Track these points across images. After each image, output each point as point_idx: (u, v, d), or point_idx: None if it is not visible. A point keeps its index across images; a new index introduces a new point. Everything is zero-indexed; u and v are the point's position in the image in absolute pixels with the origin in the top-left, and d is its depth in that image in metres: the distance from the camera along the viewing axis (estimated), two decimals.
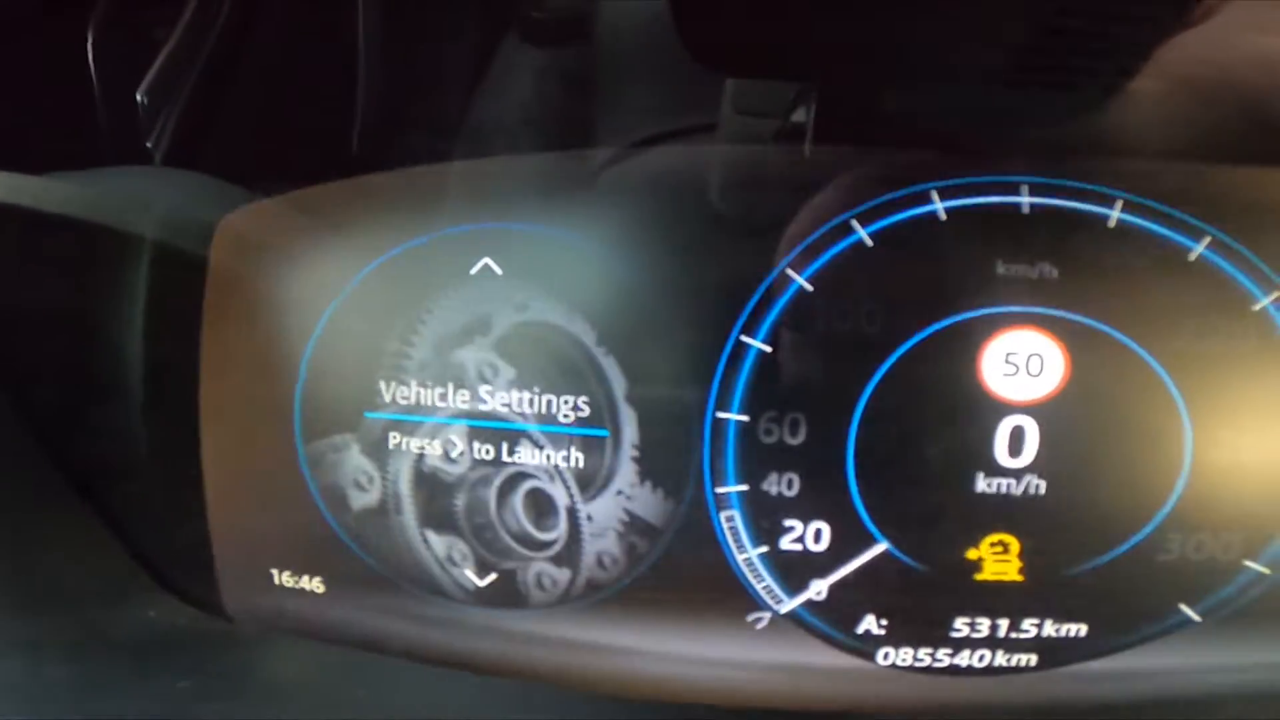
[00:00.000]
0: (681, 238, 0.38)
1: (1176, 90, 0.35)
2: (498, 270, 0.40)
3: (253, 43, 0.55)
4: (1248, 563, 0.36)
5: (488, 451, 0.40)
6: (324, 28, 0.54)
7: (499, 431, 0.40)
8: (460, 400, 0.40)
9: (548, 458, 0.39)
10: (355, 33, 0.52)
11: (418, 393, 0.40)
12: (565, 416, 0.39)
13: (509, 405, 0.40)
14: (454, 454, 0.40)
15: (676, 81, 0.42)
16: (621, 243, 0.39)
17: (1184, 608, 0.37)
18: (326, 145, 0.53)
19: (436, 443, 0.40)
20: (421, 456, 0.41)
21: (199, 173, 0.51)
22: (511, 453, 0.40)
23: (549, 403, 0.39)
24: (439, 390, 0.40)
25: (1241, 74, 0.35)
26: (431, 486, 0.41)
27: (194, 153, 0.54)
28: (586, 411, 0.39)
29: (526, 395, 0.39)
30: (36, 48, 0.53)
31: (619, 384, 0.39)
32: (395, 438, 0.40)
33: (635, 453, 0.39)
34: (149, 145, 0.54)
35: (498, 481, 0.40)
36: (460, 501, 0.41)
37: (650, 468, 0.39)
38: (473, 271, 0.40)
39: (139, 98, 0.54)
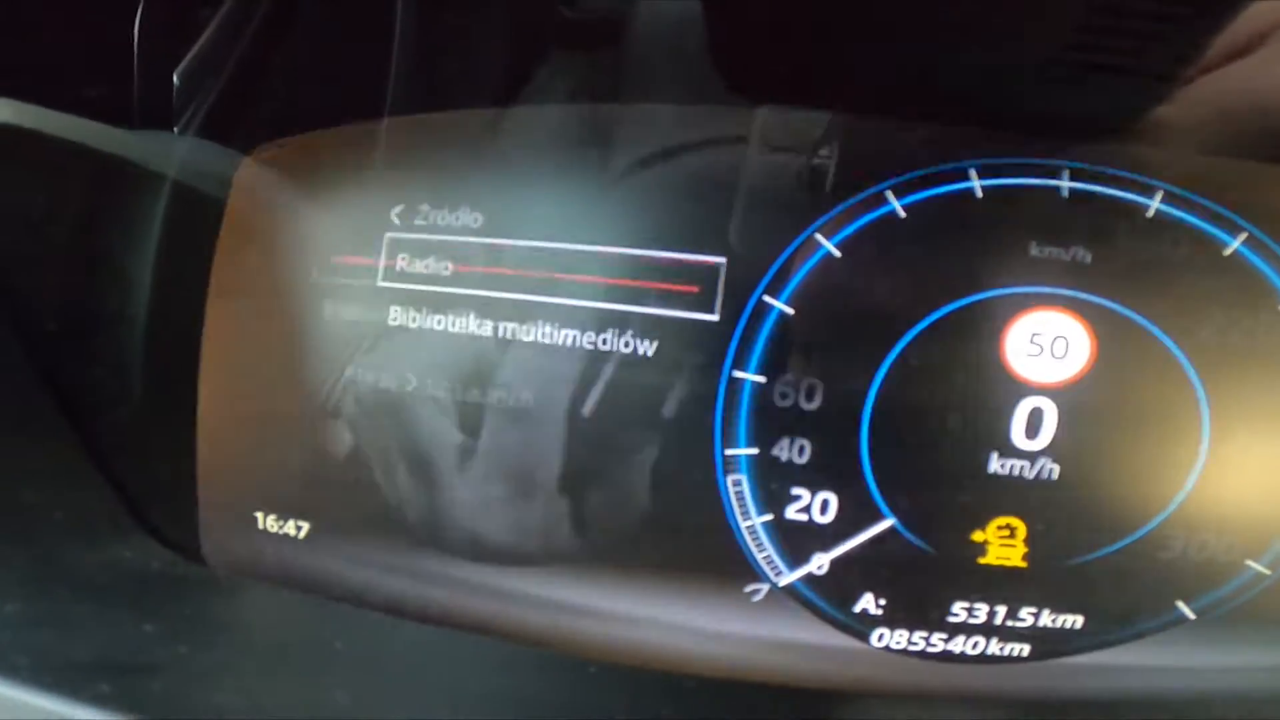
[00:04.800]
0: (712, 195, 0.33)
1: (1223, 91, 0.31)
2: (517, 221, 0.34)
3: (292, 36, 0.50)
4: (1250, 563, 0.33)
5: (499, 399, 0.34)
6: (359, 26, 0.48)
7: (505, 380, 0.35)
8: (470, 343, 0.34)
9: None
10: (390, 35, 0.47)
11: (425, 335, 0.34)
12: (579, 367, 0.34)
13: (517, 358, 0.34)
14: (458, 396, 0.34)
15: (707, 91, 0.37)
16: (649, 196, 0.34)
17: (1180, 605, 0.34)
18: None
19: (441, 383, 0.34)
20: (426, 397, 0.35)
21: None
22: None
23: (562, 351, 0.34)
24: (446, 331, 0.34)
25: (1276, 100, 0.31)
26: (434, 426, 0.35)
27: (223, 135, 0.48)
28: (601, 361, 0.33)
29: (540, 341, 0.34)
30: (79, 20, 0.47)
31: (636, 335, 0.33)
32: (399, 377, 0.35)
33: (646, 408, 0.34)
34: (177, 129, 0.48)
35: (498, 426, 0.35)
36: (464, 443, 0.35)
37: (660, 424, 0.35)
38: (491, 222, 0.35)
39: (175, 79, 0.48)
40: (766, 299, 0.33)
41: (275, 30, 0.46)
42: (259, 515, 0.38)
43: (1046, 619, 0.34)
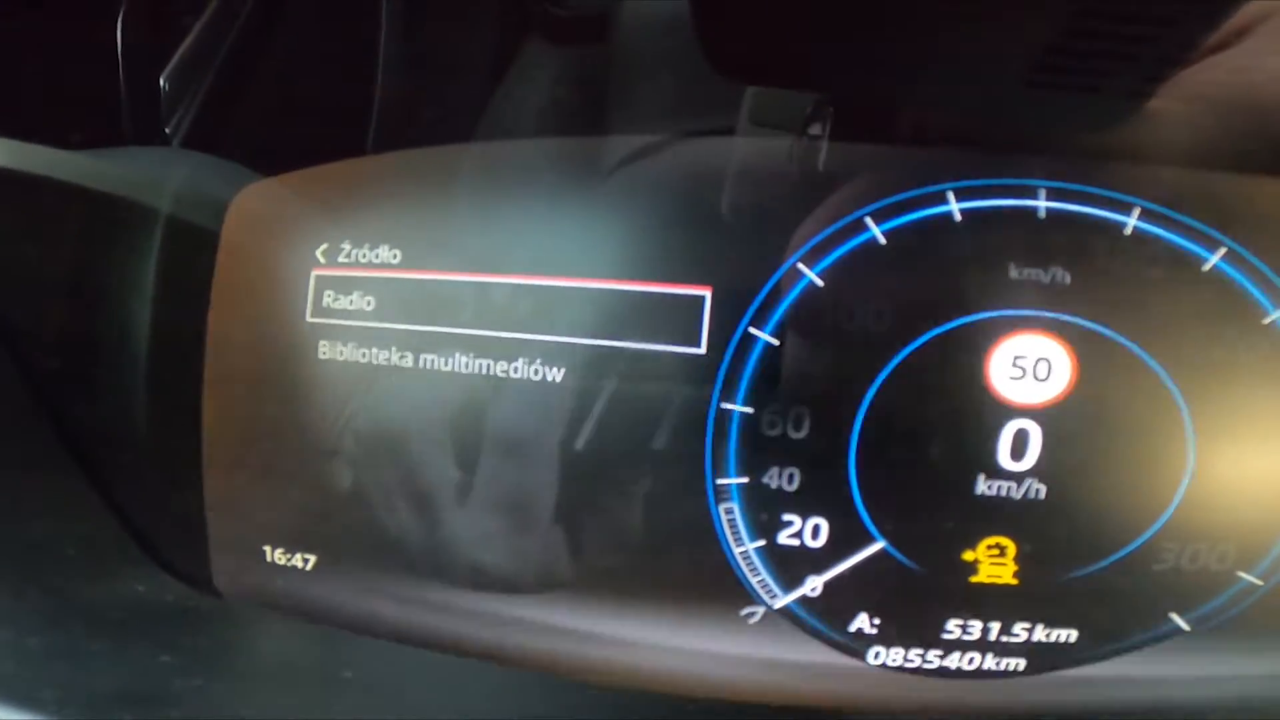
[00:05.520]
0: (693, 228, 0.34)
1: (1200, 102, 0.31)
2: (511, 256, 0.35)
3: (276, 33, 0.50)
4: (1242, 574, 0.33)
5: (493, 435, 0.35)
6: (346, 21, 0.49)
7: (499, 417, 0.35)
8: (463, 381, 0.35)
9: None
10: (377, 27, 0.48)
11: (421, 374, 0.35)
12: (570, 402, 0.34)
13: (509, 395, 0.35)
14: (453, 433, 0.35)
15: (694, 86, 0.38)
16: (631, 229, 0.34)
17: (1174, 617, 0.34)
18: (345, 135, 0.49)
19: (437, 421, 0.35)
20: (423, 434, 0.36)
21: (216, 156, 0.46)
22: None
23: (553, 386, 0.35)
24: (439, 371, 0.35)
25: (1268, 92, 0.31)
26: (431, 462, 0.35)
27: (213, 138, 0.49)
28: (592, 396, 0.34)
29: (531, 379, 0.35)
30: (65, 28, 0.48)
31: (624, 370, 0.34)
32: (396, 416, 0.35)
33: (637, 440, 0.35)
34: (168, 130, 0.49)
35: (494, 461, 0.35)
36: (461, 478, 0.36)
37: (652, 456, 0.35)
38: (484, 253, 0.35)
39: (162, 83, 0.49)
40: (751, 331, 0.34)
41: (261, 33, 0.47)
42: (267, 548, 0.39)
43: (1040, 634, 0.34)
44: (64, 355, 0.40)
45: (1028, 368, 0.32)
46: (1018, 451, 0.33)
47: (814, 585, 0.35)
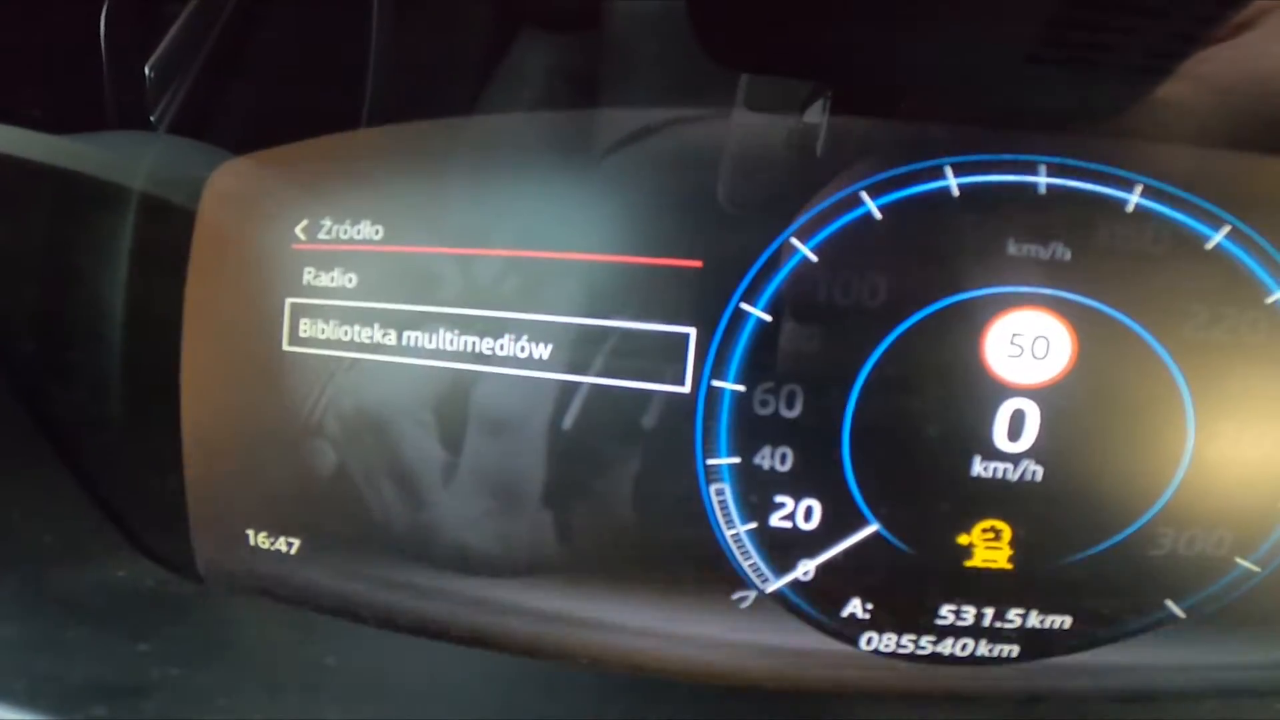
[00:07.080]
0: (686, 203, 0.33)
1: (1205, 82, 0.30)
2: (497, 231, 0.34)
3: (263, 21, 0.49)
4: (1239, 560, 0.32)
5: (478, 414, 0.34)
6: (336, 8, 0.48)
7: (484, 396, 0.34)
8: (448, 359, 0.34)
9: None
10: (368, 14, 0.47)
11: (404, 352, 0.34)
12: (557, 380, 0.34)
13: (495, 373, 0.34)
14: (438, 412, 0.34)
15: (689, 71, 0.37)
16: (624, 205, 0.34)
17: (1170, 603, 0.33)
18: (332, 115, 0.47)
19: (421, 400, 0.35)
20: (407, 414, 0.35)
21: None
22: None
23: (540, 364, 0.34)
24: (424, 348, 0.34)
25: (1275, 73, 0.30)
26: (416, 442, 0.34)
27: (198, 126, 0.48)
28: (579, 373, 0.33)
29: (518, 355, 0.34)
30: (49, 16, 0.47)
31: (613, 347, 0.33)
32: (378, 395, 0.34)
33: (626, 420, 0.34)
34: (153, 119, 0.48)
35: (479, 441, 0.34)
36: (447, 458, 0.35)
37: (641, 436, 0.34)
38: (469, 228, 0.34)
39: (147, 71, 0.48)
40: (743, 307, 0.33)
41: (249, 16, 0.46)
42: (250, 532, 0.38)
43: (1034, 620, 0.33)
44: (39, 338, 0.39)
45: (1026, 346, 0.32)
46: (1014, 432, 0.32)
47: (806, 569, 0.34)
